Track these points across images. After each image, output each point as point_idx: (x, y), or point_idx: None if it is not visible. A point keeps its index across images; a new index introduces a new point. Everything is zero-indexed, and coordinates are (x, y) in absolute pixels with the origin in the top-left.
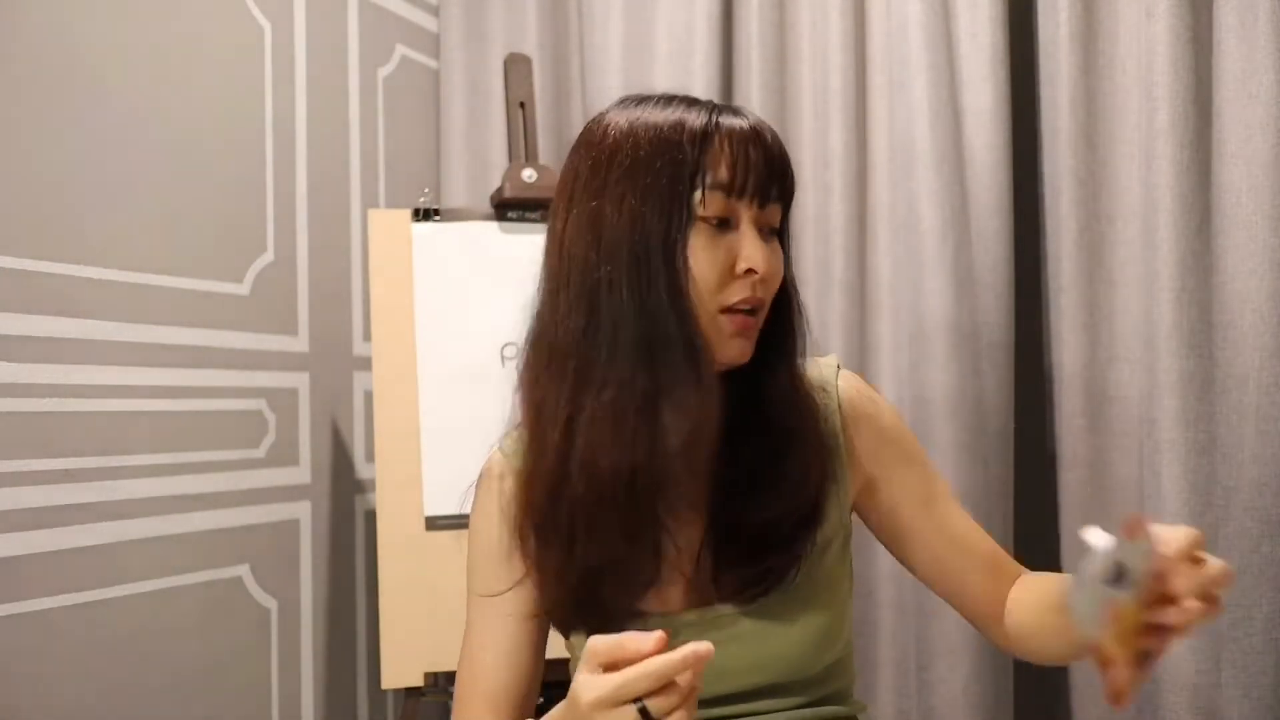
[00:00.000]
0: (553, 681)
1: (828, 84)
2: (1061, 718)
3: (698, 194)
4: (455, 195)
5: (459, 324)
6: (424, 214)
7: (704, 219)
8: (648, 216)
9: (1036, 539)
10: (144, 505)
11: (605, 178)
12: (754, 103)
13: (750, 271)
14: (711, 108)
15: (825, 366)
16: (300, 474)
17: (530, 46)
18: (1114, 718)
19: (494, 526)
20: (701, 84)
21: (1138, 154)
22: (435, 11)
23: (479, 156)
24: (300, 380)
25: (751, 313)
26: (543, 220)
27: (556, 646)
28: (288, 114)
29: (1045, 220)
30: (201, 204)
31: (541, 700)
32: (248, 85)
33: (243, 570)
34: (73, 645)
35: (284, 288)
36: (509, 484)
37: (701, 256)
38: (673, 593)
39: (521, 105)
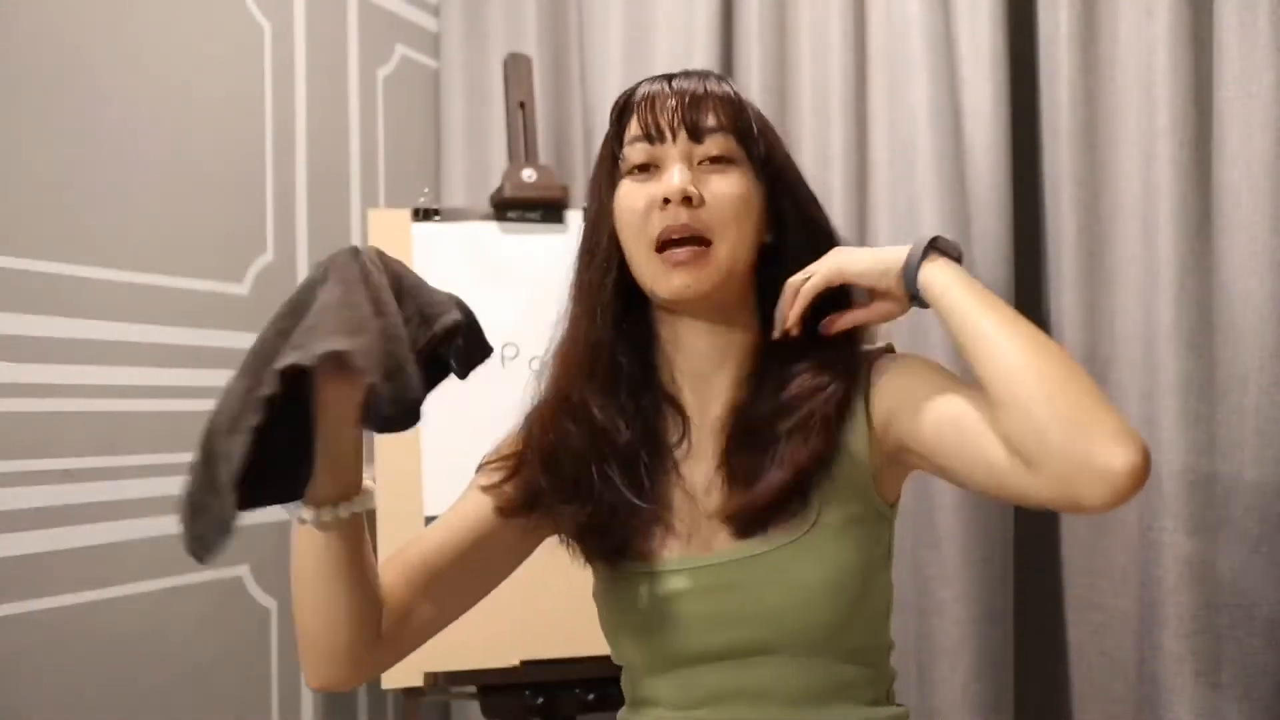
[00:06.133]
0: (555, 681)
1: (828, 84)
2: (1061, 718)
3: (623, 153)
4: (455, 195)
5: None
6: (424, 214)
7: (628, 171)
8: (595, 182)
9: (1037, 539)
10: (144, 505)
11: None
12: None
13: (666, 201)
14: (671, 76)
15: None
16: None
17: (530, 46)
18: (1114, 718)
19: (511, 435)
20: None
21: (1138, 154)
22: (435, 11)
23: (479, 156)
24: None
25: (687, 242)
26: (542, 220)
27: (565, 647)
28: (288, 114)
29: (1045, 220)
30: (201, 204)
31: (541, 701)
32: (248, 85)
33: (243, 570)
34: (73, 645)
35: (284, 288)
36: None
37: (624, 203)
38: (675, 535)
39: (521, 105)
